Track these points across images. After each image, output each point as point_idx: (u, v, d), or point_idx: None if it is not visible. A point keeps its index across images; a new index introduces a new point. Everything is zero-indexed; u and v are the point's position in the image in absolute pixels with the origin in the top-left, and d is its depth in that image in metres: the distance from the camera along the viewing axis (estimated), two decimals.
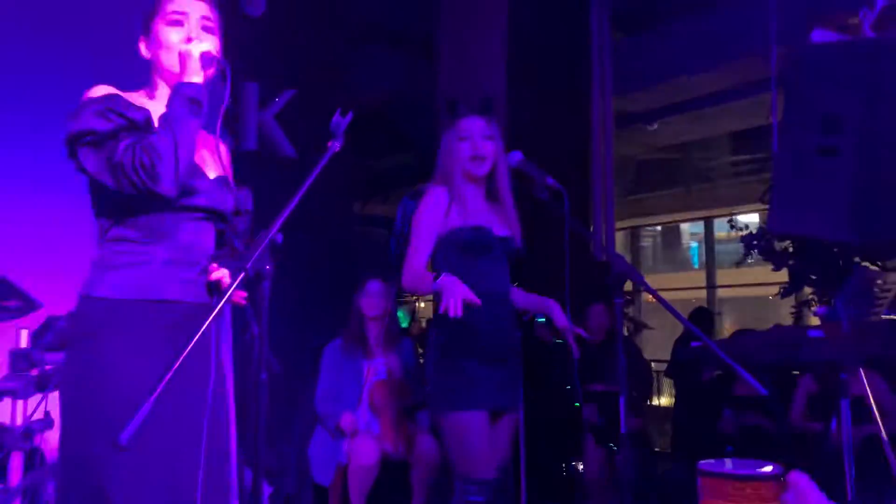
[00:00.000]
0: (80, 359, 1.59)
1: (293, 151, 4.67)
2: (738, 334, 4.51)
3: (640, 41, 6.12)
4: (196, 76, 1.62)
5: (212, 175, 1.73)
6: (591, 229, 5.62)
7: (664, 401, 8.57)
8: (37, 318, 2.43)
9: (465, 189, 2.45)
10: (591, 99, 5.59)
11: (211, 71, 1.66)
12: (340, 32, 5.14)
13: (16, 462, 2.34)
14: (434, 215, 2.39)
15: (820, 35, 3.17)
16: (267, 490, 3.55)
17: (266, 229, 1.58)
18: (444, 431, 2.37)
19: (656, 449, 5.90)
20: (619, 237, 9.19)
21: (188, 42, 1.66)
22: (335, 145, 1.77)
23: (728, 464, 2.61)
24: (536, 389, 3.51)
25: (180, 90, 1.61)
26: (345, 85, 5.16)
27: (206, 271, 1.68)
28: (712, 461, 2.56)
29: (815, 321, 4.94)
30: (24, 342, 2.40)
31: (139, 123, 1.59)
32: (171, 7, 1.70)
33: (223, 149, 1.83)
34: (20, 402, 2.36)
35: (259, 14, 4.05)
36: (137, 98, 1.69)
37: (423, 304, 9.13)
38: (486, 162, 2.45)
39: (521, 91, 4.97)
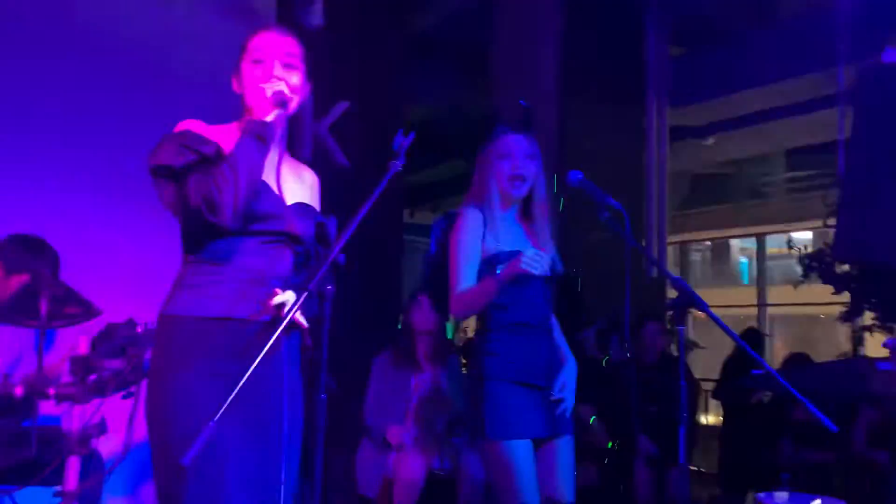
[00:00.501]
0: (154, 374, 1.69)
1: (346, 162, 4.70)
2: (795, 360, 4.39)
3: (697, 55, 6.02)
4: (265, 114, 1.70)
5: (291, 201, 1.79)
6: (643, 244, 5.54)
7: (710, 419, 8.39)
8: (97, 325, 2.47)
9: (501, 210, 2.36)
10: (645, 112, 5.52)
11: (285, 108, 1.73)
12: (395, 44, 5.16)
13: (73, 466, 2.38)
14: (473, 238, 2.31)
15: (892, 54, 3.07)
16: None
17: (327, 250, 1.59)
18: (487, 458, 2.32)
19: (701, 469, 5.78)
20: (669, 251, 9.05)
21: (268, 81, 1.73)
22: (397, 165, 1.77)
23: (784, 497, 2.53)
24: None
25: (248, 127, 1.69)
26: (399, 96, 5.18)
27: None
28: (769, 494, 2.48)
29: (874, 344, 4.78)
30: (83, 349, 2.44)
31: (210, 157, 1.67)
32: (253, 47, 1.78)
33: (310, 177, 1.94)
34: (78, 408, 2.40)
35: (317, 26, 4.09)
36: (226, 130, 1.76)
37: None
38: (526, 183, 2.35)
39: (575, 103, 4.93)
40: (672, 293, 2.26)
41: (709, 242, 13.06)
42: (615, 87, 5.15)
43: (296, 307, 1.49)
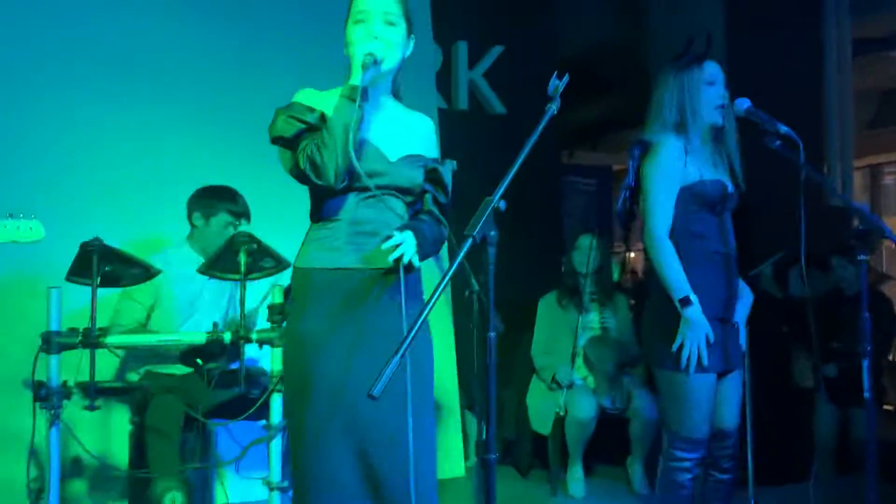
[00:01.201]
0: (288, 321, 1.96)
1: (503, 108, 4.74)
2: None
3: None
4: (355, 75, 1.79)
5: (398, 154, 1.90)
6: (827, 171, 5.14)
7: None
8: (287, 276, 2.71)
9: (700, 140, 2.34)
10: (823, 25, 5.07)
11: (376, 68, 1.80)
12: None
13: (276, 402, 2.66)
14: (674, 169, 2.28)
15: None
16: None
17: (489, 196, 1.64)
18: (662, 388, 2.35)
19: (890, 408, 5.38)
20: (857, 177, 8.29)
21: (367, 40, 1.82)
22: (552, 108, 1.77)
23: None
24: (765, 347, 3.34)
25: (343, 91, 1.79)
26: (550, 36, 5.10)
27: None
28: None
29: None
30: (277, 297, 2.70)
31: (314, 124, 1.81)
32: (356, 8, 1.88)
33: (423, 125, 2.01)
34: (277, 350, 2.66)
35: None
36: (329, 94, 1.87)
37: (633, 255, 8.92)
38: (726, 111, 2.33)
39: (743, 21, 4.61)
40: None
41: None
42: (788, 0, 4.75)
43: (462, 254, 1.55)
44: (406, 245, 1.75)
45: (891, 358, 5.91)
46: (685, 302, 2.19)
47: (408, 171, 1.90)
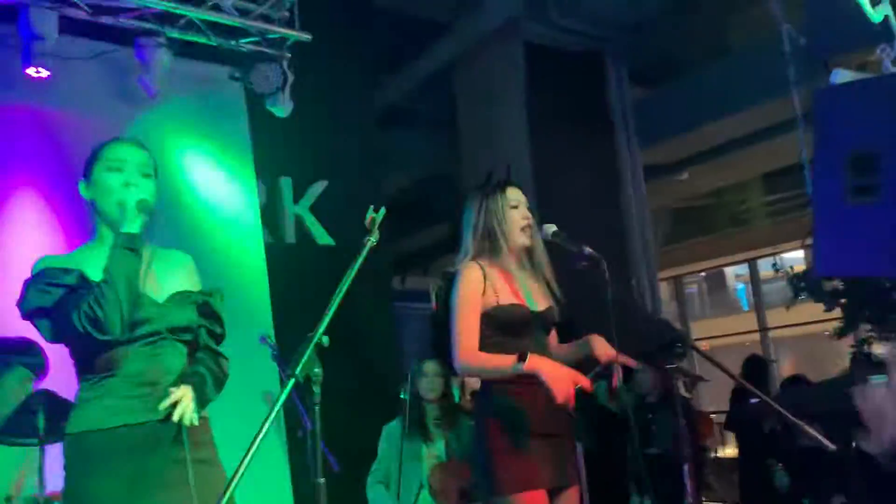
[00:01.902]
0: (67, 492, 1.75)
1: (331, 239, 4.76)
2: (792, 382, 4.38)
3: (659, 94, 6.18)
4: (131, 223, 1.78)
5: (166, 294, 1.87)
6: (634, 284, 5.57)
7: (729, 451, 8.28)
8: None
9: (505, 261, 2.39)
10: (617, 154, 5.63)
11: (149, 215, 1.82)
12: (365, 120, 5.29)
13: None
14: (474, 294, 2.32)
15: (839, 75, 3.18)
16: None
17: (311, 332, 1.60)
18: None
19: (726, 501, 5.68)
20: (664, 287, 9.06)
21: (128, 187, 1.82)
22: (371, 240, 1.80)
23: None
24: (600, 458, 3.42)
25: (119, 241, 1.77)
26: (375, 169, 5.28)
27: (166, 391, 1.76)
28: None
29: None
30: None
31: (75, 285, 1.75)
32: (111, 156, 1.87)
33: (182, 260, 1.99)
34: None
35: (287, 114, 4.20)
36: (73, 255, 1.84)
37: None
38: (531, 232, 2.42)
39: (546, 157, 5.03)
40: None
41: (703, 273, 13.08)
42: (585, 133, 5.26)
43: (284, 393, 1.49)
44: (184, 402, 1.72)
45: (716, 454, 6.29)
46: (521, 358, 2.16)
47: (180, 311, 1.86)
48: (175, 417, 1.69)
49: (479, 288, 2.33)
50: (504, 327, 2.31)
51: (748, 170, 7.23)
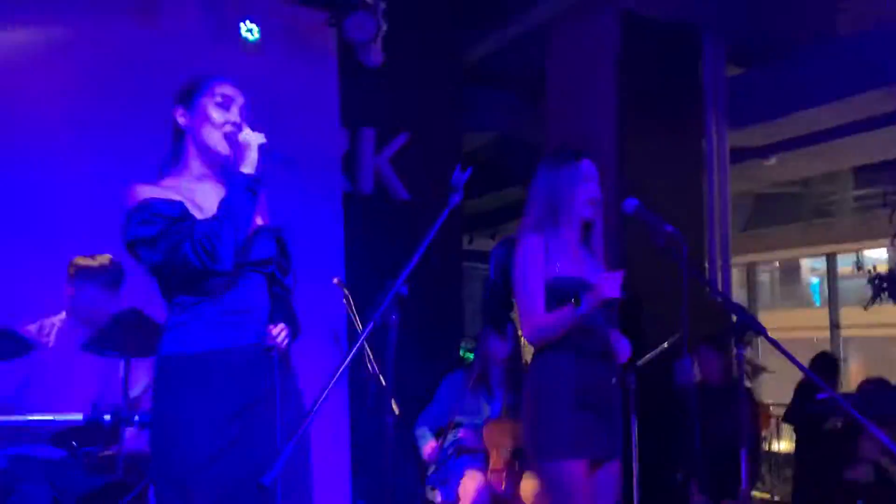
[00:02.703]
0: (160, 412, 1.83)
1: (406, 194, 4.83)
2: (867, 384, 4.26)
3: (755, 74, 5.96)
4: (250, 165, 1.83)
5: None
6: (706, 267, 5.47)
7: (783, 446, 8.14)
8: None
9: (568, 233, 2.41)
10: (705, 135, 5.48)
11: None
12: (452, 75, 5.29)
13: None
14: (536, 263, 2.34)
15: None
16: None
17: (391, 280, 1.67)
18: (542, 479, 2.35)
19: (776, 498, 5.62)
20: (735, 273, 8.85)
21: (235, 126, 1.87)
22: (455, 199, 1.84)
23: None
24: (649, 436, 3.44)
25: (237, 180, 1.82)
26: (456, 126, 5.29)
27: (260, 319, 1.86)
28: None
29: None
30: None
31: (178, 217, 1.80)
32: (219, 89, 1.91)
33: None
34: None
35: (377, 65, 4.23)
36: (168, 186, 1.88)
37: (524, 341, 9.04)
38: (598, 207, 2.43)
39: (633, 128, 4.94)
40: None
41: (777, 263, 12.70)
42: (673, 111, 5.13)
43: (363, 337, 1.56)
44: (283, 333, 1.83)
45: (766, 448, 6.20)
46: (576, 302, 2.24)
47: (264, 243, 1.92)
48: (278, 341, 1.80)
49: (541, 257, 2.35)
50: (564, 299, 2.32)
51: (839, 161, 6.95)
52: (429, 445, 3.81)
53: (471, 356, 4.27)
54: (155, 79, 3.74)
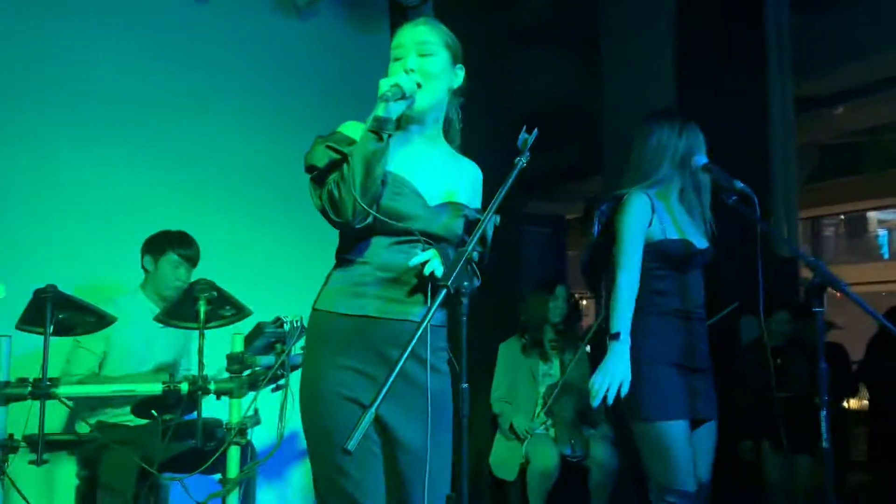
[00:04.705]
0: (302, 365, 1.80)
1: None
2: None
3: (821, 20, 5.69)
4: (379, 107, 1.68)
5: (439, 200, 1.80)
6: (772, 222, 5.32)
7: (854, 403, 7.95)
8: (248, 325, 2.67)
9: (673, 195, 2.41)
10: (768, 84, 5.29)
11: (402, 100, 1.69)
12: (503, 37, 5.20)
13: (233, 456, 2.59)
14: (642, 224, 2.32)
15: None
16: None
17: (462, 248, 1.65)
18: (644, 440, 2.32)
19: (848, 457, 5.48)
20: (799, 227, 8.60)
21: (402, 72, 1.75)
22: (522, 161, 1.79)
23: None
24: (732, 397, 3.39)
25: (367, 123, 1.70)
26: (507, 86, 5.22)
27: (414, 290, 1.75)
28: None
29: None
30: (237, 347, 2.65)
31: (339, 160, 1.70)
32: (393, 44, 1.82)
33: (471, 172, 1.91)
34: (235, 401, 2.60)
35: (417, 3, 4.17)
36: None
37: (585, 302, 9.01)
38: (707, 174, 2.38)
39: (693, 81, 4.79)
40: (807, 272, 2.20)
41: (843, 216, 12.29)
42: (735, 61, 4.95)
43: (434, 305, 1.54)
44: (432, 262, 1.68)
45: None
46: (615, 337, 2.23)
47: (446, 219, 1.80)
48: (425, 271, 1.67)
49: (647, 218, 2.32)
50: (670, 261, 2.32)
51: None
52: (516, 420, 3.79)
53: None
54: (210, 50, 3.83)
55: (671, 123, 2.40)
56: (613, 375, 2.20)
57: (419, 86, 1.76)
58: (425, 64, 1.78)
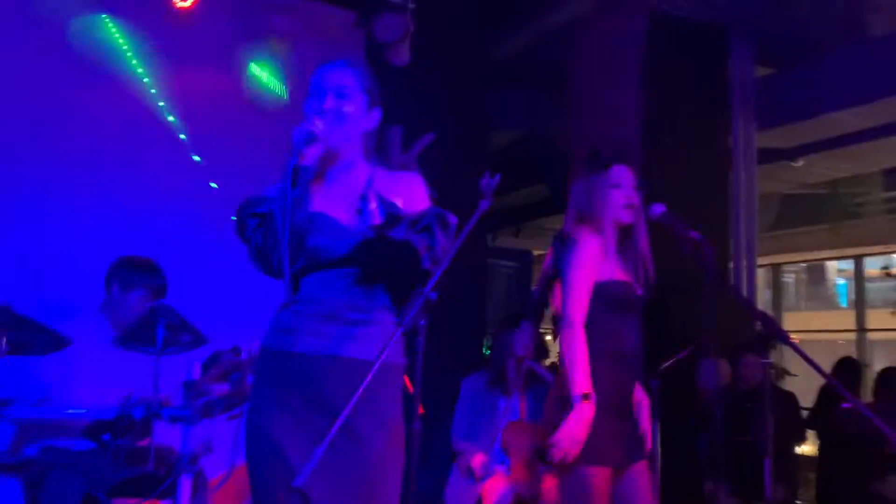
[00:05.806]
0: (250, 404, 1.83)
1: (433, 193, 4.85)
2: (886, 375, 4.24)
3: (784, 75, 5.89)
4: (296, 155, 1.70)
5: (360, 225, 1.81)
6: (731, 267, 5.43)
7: (807, 448, 8.06)
8: (205, 352, 2.66)
9: (611, 239, 2.44)
10: (731, 134, 5.44)
11: (312, 143, 1.72)
12: (476, 74, 5.29)
13: (185, 483, 2.56)
14: (592, 266, 2.35)
15: None
16: None
17: (420, 287, 1.68)
18: (564, 482, 2.33)
19: (797, 502, 5.55)
20: (761, 273, 8.76)
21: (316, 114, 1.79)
22: (484, 204, 1.84)
23: None
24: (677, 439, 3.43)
25: (283, 175, 1.71)
26: (480, 124, 5.30)
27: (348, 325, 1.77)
28: None
29: None
30: (195, 374, 2.64)
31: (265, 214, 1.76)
32: (314, 80, 1.86)
33: (404, 186, 1.95)
34: (189, 428, 2.58)
35: (404, 64, 4.25)
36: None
37: (549, 338, 9.03)
38: (635, 212, 2.44)
39: (659, 129, 4.92)
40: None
41: (803, 264, 12.56)
42: (700, 111, 5.10)
43: (386, 347, 1.56)
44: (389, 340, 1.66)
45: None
46: (585, 398, 2.22)
47: (373, 238, 1.79)
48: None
49: (598, 257, 2.36)
50: (615, 304, 2.35)
51: (869, 163, 6.85)
52: (476, 459, 3.79)
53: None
54: (189, 74, 3.85)
55: (594, 173, 2.47)
56: (573, 439, 2.21)
57: (329, 128, 1.78)
58: (342, 106, 1.83)
